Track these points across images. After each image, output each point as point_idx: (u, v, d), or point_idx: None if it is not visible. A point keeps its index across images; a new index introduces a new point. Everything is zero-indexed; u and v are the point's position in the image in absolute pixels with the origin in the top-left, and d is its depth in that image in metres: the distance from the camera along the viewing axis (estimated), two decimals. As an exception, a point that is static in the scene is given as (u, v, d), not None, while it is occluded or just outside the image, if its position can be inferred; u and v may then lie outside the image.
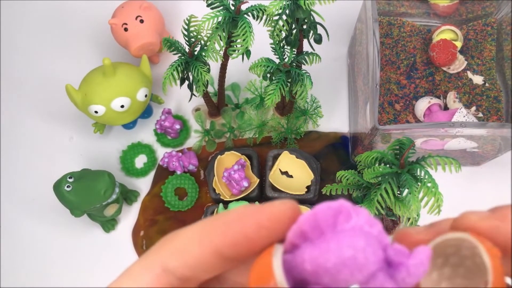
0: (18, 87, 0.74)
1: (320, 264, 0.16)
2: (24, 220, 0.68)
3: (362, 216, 0.17)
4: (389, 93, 0.64)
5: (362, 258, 0.16)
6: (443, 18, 0.67)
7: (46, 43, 0.76)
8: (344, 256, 0.16)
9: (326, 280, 0.17)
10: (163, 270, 0.19)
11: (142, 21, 0.65)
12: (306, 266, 0.17)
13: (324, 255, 0.17)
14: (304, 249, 0.17)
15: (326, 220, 0.17)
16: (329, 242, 0.17)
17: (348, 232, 0.17)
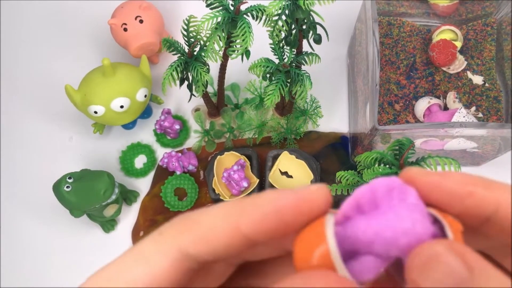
0: (17, 88, 0.74)
1: (378, 233, 0.17)
2: (24, 220, 0.67)
3: (413, 194, 0.18)
4: (389, 93, 0.64)
5: (420, 229, 0.17)
6: (443, 18, 0.67)
7: (46, 43, 0.76)
8: (404, 226, 0.17)
9: (379, 249, 0.17)
10: (183, 255, 0.19)
11: (141, 21, 0.65)
12: (360, 236, 0.18)
13: (383, 225, 0.17)
14: (358, 221, 0.18)
15: (382, 194, 0.18)
16: (387, 214, 0.18)
17: (402, 205, 0.18)
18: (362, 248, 0.18)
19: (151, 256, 0.19)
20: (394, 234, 0.17)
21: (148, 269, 0.18)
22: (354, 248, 0.18)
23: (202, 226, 0.19)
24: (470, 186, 0.18)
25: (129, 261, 0.19)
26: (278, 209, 0.18)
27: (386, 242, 0.17)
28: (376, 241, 0.17)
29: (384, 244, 0.17)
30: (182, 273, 0.19)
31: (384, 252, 0.18)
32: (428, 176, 0.19)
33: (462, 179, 0.18)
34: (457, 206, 0.18)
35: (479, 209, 0.18)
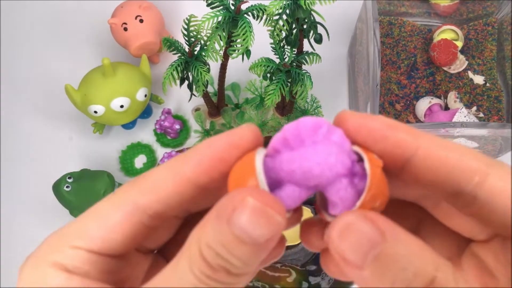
0: (17, 87, 0.73)
1: (298, 164, 0.19)
2: (23, 220, 0.67)
3: (338, 133, 0.20)
4: (390, 93, 0.64)
5: (333, 160, 0.19)
6: (444, 18, 0.67)
7: (45, 42, 0.75)
8: (319, 158, 0.19)
9: (299, 180, 0.19)
10: (134, 208, 0.20)
11: (141, 20, 0.64)
12: (284, 166, 0.19)
13: (301, 156, 0.19)
14: (285, 153, 0.20)
15: (307, 131, 0.20)
16: (309, 148, 0.20)
17: (325, 142, 0.20)
18: (286, 178, 0.20)
19: (104, 211, 0.20)
20: (311, 166, 0.19)
21: (101, 222, 0.20)
22: (279, 178, 0.20)
23: (150, 178, 0.20)
24: (392, 127, 0.20)
25: (84, 218, 0.20)
26: (213, 147, 0.20)
27: (305, 173, 0.19)
28: (296, 171, 0.19)
29: (303, 175, 0.19)
30: (134, 225, 0.20)
31: (304, 182, 0.19)
32: (356, 116, 0.20)
33: (386, 121, 0.20)
34: (380, 145, 0.20)
35: (399, 149, 0.19)
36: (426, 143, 0.19)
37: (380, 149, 0.20)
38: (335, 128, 0.20)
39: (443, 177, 0.19)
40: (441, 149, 0.19)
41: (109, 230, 0.20)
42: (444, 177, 0.19)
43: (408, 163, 0.20)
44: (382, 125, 0.20)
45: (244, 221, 0.17)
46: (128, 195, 0.20)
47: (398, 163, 0.20)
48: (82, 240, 0.20)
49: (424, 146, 0.19)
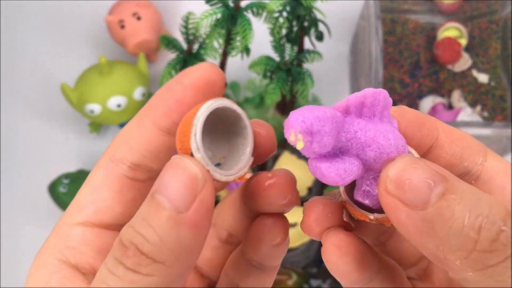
0: (12, 87, 0.73)
1: (376, 140, 0.18)
2: (20, 221, 0.67)
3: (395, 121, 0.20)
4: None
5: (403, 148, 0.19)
6: (447, 16, 0.67)
7: (41, 41, 0.75)
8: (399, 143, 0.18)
9: (371, 152, 0.18)
10: (112, 161, 0.20)
11: (139, 18, 0.64)
12: (357, 134, 0.18)
13: (385, 133, 0.18)
14: (357, 119, 0.18)
15: (380, 106, 0.19)
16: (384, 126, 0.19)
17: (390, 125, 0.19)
18: (354, 146, 0.18)
19: (89, 177, 0.21)
20: (389, 146, 0.18)
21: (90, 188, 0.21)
22: (346, 145, 0.18)
23: (122, 132, 0.21)
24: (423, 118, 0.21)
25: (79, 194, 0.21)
26: (172, 92, 0.20)
27: (380, 150, 0.18)
28: (372, 145, 0.18)
29: (377, 150, 0.18)
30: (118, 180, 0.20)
31: (372, 158, 0.18)
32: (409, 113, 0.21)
33: (416, 112, 0.21)
34: (416, 135, 0.20)
35: (428, 137, 0.21)
36: (442, 128, 0.21)
37: (412, 143, 0.21)
38: (392, 117, 0.20)
39: (456, 160, 0.21)
40: (454, 133, 0.21)
41: (96, 190, 0.20)
42: (456, 159, 0.21)
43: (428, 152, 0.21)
44: (417, 116, 0.21)
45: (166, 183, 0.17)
46: (106, 153, 0.21)
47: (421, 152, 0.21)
48: (79, 213, 0.20)
49: (441, 132, 0.21)
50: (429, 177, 0.17)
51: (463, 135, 0.21)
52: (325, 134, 0.17)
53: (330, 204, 0.21)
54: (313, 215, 0.21)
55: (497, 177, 0.20)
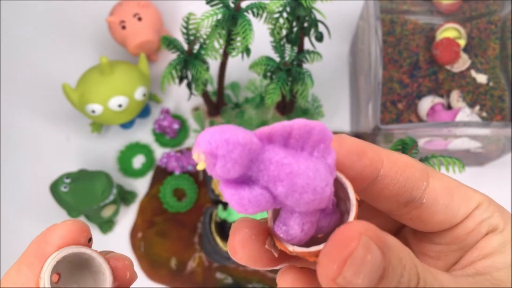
0: (13, 87, 0.73)
1: (290, 176, 0.16)
2: (21, 221, 0.67)
3: (333, 156, 0.18)
4: (392, 92, 0.64)
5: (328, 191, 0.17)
6: (446, 16, 0.67)
7: (42, 41, 0.75)
8: (317, 185, 0.17)
9: (281, 189, 0.17)
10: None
11: (140, 19, 0.64)
12: (270, 167, 0.16)
13: (301, 171, 0.17)
14: (275, 149, 0.17)
15: (313, 140, 0.18)
16: (308, 162, 0.17)
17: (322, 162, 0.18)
18: (264, 178, 0.17)
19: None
20: (306, 185, 0.17)
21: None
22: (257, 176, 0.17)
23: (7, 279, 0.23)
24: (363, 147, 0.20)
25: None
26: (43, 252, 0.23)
27: (289, 185, 0.17)
28: (284, 180, 0.16)
29: (287, 186, 0.17)
30: None
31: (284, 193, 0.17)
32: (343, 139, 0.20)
33: (355, 141, 0.21)
34: (355, 166, 0.20)
35: (370, 168, 0.20)
36: (386, 158, 0.21)
37: (355, 171, 0.20)
38: (332, 149, 0.18)
39: (401, 189, 0.21)
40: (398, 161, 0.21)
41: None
42: (401, 188, 0.21)
43: (375, 180, 0.21)
44: (356, 146, 0.20)
45: None
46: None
47: (366, 182, 0.21)
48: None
49: (386, 161, 0.21)
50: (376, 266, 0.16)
51: (407, 162, 0.21)
52: (231, 160, 0.16)
53: (257, 227, 0.20)
54: (238, 236, 0.20)
55: (439, 197, 0.21)
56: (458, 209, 0.22)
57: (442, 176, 0.22)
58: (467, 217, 0.22)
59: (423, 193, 0.21)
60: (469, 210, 0.22)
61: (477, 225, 0.22)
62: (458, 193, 0.22)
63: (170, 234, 0.65)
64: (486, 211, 0.22)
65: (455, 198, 0.22)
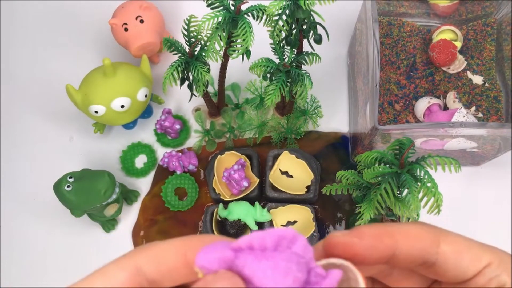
0: (18, 87, 0.74)
1: (257, 274, 0.21)
2: (24, 220, 0.68)
3: (300, 243, 0.22)
4: (389, 93, 0.64)
5: (290, 280, 0.21)
6: (443, 18, 0.67)
7: (46, 43, 0.76)
8: (277, 275, 0.21)
9: (256, 283, 0.21)
10: (137, 271, 0.22)
11: (142, 21, 0.65)
12: (244, 270, 0.21)
13: (261, 269, 0.21)
14: (246, 256, 0.21)
15: (272, 241, 0.22)
16: (268, 260, 0.21)
17: (285, 255, 0.21)
18: (244, 277, 0.21)
19: (110, 271, 0.22)
20: (267, 278, 0.21)
21: (107, 280, 0.22)
22: (239, 275, 0.21)
23: (156, 248, 0.23)
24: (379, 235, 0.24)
25: (92, 277, 0.23)
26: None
27: (261, 282, 0.21)
28: (254, 278, 0.21)
29: (259, 282, 0.21)
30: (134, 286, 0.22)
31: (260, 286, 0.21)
32: (345, 236, 0.24)
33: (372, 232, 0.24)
34: (374, 255, 0.24)
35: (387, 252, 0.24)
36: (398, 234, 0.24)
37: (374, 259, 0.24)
38: (299, 238, 0.22)
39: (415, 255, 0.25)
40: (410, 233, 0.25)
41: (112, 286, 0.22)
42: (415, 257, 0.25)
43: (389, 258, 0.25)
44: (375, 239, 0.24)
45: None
46: (134, 260, 0.22)
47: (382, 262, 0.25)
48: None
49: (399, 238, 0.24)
50: None
51: (418, 235, 0.25)
52: (213, 270, 0.21)
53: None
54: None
55: (449, 259, 0.25)
56: (468, 268, 0.25)
57: (453, 239, 0.25)
58: (478, 274, 0.25)
59: (435, 256, 0.25)
60: (478, 269, 0.25)
61: (487, 282, 0.25)
62: (468, 254, 0.25)
63: (172, 232, 0.66)
64: (496, 270, 0.25)
65: (464, 259, 0.25)
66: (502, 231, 0.64)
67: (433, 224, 0.26)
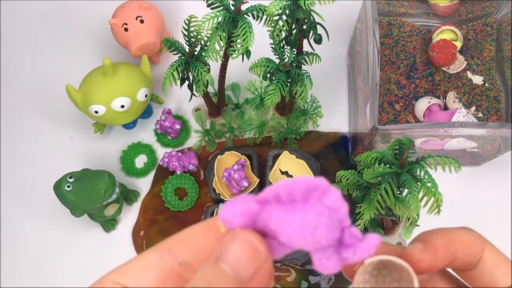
0: (18, 87, 0.74)
1: (283, 227, 0.19)
2: (24, 220, 0.68)
3: (333, 196, 0.20)
4: (389, 93, 0.64)
5: (319, 235, 0.19)
6: (443, 18, 0.67)
7: (46, 43, 0.76)
8: (304, 230, 0.19)
9: (282, 239, 0.19)
10: (168, 251, 0.22)
11: (142, 21, 0.65)
12: (270, 224, 0.19)
13: (288, 221, 0.19)
14: (273, 208, 0.20)
15: (302, 191, 0.20)
16: (297, 212, 0.19)
17: (315, 208, 0.19)
18: (270, 233, 0.20)
19: (144, 254, 0.23)
20: (294, 234, 0.19)
21: (139, 262, 0.22)
22: (265, 230, 0.20)
23: (187, 231, 0.23)
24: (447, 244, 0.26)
25: (131, 260, 0.23)
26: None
27: (288, 240, 0.19)
28: (280, 232, 0.19)
29: (287, 240, 0.19)
30: (165, 268, 0.22)
31: (288, 243, 0.19)
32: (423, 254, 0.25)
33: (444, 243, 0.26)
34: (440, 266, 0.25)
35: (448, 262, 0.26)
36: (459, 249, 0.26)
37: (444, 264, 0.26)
38: (332, 190, 0.20)
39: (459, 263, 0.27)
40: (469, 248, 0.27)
41: (144, 268, 0.22)
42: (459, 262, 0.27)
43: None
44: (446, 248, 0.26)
45: (232, 254, 0.19)
46: (166, 243, 0.23)
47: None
48: (121, 277, 0.22)
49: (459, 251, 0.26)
50: None
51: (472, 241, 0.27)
52: (238, 224, 0.20)
53: None
54: None
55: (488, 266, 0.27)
56: (501, 279, 0.27)
57: (496, 251, 0.27)
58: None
59: (477, 261, 0.27)
60: (508, 284, 0.27)
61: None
62: (504, 268, 0.27)
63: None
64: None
65: (501, 270, 0.27)
66: (502, 231, 0.64)
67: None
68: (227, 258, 0.19)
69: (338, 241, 0.20)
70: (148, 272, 0.22)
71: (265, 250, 0.19)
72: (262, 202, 0.20)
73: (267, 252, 0.20)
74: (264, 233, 0.20)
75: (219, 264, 0.19)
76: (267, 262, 0.19)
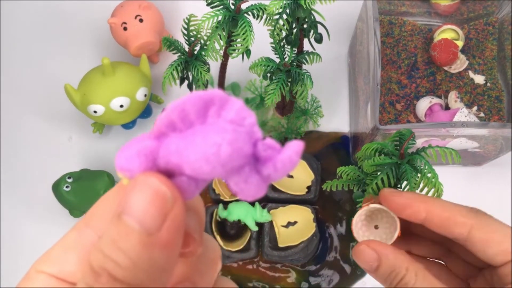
0: (16, 87, 0.73)
1: (184, 157, 0.16)
2: (23, 220, 0.67)
3: (234, 107, 0.17)
4: (390, 92, 0.64)
5: (225, 155, 0.16)
6: (444, 17, 0.67)
7: (45, 42, 0.75)
8: (207, 153, 0.16)
9: (189, 172, 0.17)
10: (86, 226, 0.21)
11: (141, 20, 0.65)
12: (171, 158, 0.17)
13: (188, 149, 0.16)
14: (171, 139, 0.17)
15: (196, 110, 0.17)
16: (196, 136, 0.16)
17: (215, 126, 0.17)
18: (175, 169, 0.17)
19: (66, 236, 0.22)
20: (197, 160, 0.16)
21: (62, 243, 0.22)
22: (170, 168, 0.17)
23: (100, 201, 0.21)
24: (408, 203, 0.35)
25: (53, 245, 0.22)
26: None
27: (194, 170, 0.16)
28: (184, 166, 0.17)
29: (192, 171, 0.17)
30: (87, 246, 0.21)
31: (195, 174, 0.17)
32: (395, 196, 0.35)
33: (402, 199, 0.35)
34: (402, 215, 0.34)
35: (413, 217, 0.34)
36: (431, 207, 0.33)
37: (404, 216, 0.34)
38: (232, 101, 0.17)
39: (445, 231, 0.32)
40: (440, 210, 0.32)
41: (66, 250, 0.21)
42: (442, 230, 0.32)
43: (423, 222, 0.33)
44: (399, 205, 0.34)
45: (133, 204, 0.16)
46: (83, 218, 0.21)
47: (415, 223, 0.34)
48: (44, 263, 0.21)
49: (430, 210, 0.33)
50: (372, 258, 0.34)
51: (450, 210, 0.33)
52: (138, 169, 0.17)
53: None
54: None
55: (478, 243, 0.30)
56: (495, 256, 0.30)
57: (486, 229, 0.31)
58: (504, 264, 0.30)
59: (465, 235, 0.30)
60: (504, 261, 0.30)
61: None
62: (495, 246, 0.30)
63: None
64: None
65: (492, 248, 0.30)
66: (503, 231, 0.64)
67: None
68: (128, 210, 0.16)
69: (254, 157, 0.17)
70: (69, 253, 0.20)
71: (172, 191, 0.17)
72: (157, 136, 0.17)
73: (175, 194, 0.17)
74: (170, 172, 0.18)
75: (122, 218, 0.16)
76: (176, 205, 0.17)
